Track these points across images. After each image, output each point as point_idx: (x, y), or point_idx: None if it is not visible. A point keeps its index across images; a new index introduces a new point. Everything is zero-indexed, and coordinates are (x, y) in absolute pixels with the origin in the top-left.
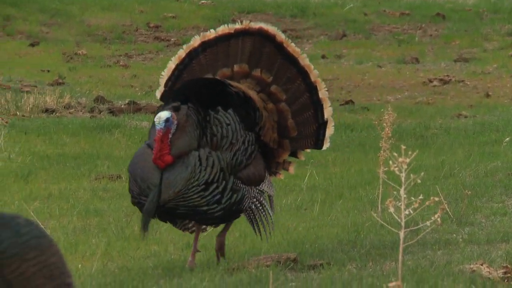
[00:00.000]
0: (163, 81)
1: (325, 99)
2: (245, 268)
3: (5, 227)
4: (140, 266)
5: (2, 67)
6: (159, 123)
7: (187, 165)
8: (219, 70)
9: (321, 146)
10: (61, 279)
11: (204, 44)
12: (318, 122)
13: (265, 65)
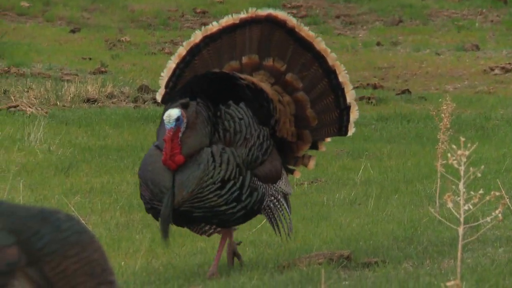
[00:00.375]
0: (163, 82)
1: (346, 82)
2: (296, 266)
3: (45, 223)
4: (185, 264)
5: (41, 55)
6: (169, 122)
7: (199, 162)
8: (225, 64)
9: (346, 133)
10: (103, 277)
11: (206, 39)
12: (340, 107)
13: (276, 53)
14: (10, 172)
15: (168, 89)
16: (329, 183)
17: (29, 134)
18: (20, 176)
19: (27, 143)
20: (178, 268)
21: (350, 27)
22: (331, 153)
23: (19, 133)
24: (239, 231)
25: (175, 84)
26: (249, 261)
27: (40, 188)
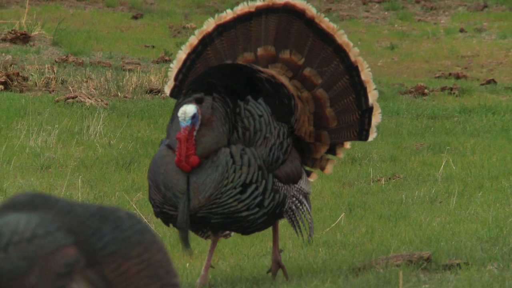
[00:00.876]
0: (173, 74)
1: (369, 81)
2: (372, 268)
3: (104, 221)
4: (254, 265)
5: (101, 43)
6: (184, 120)
7: (217, 164)
8: (239, 55)
9: (366, 137)
10: (167, 279)
11: (219, 28)
12: (361, 108)
13: (294, 46)
14: (68, 167)
15: (178, 81)
16: (408, 180)
17: (88, 127)
18: (78, 171)
19: (86, 136)
20: (246, 270)
21: (431, 12)
22: (410, 147)
23: (77, 126)
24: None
25: (185, 76)
26: (322, 262)
27: (99, 185)
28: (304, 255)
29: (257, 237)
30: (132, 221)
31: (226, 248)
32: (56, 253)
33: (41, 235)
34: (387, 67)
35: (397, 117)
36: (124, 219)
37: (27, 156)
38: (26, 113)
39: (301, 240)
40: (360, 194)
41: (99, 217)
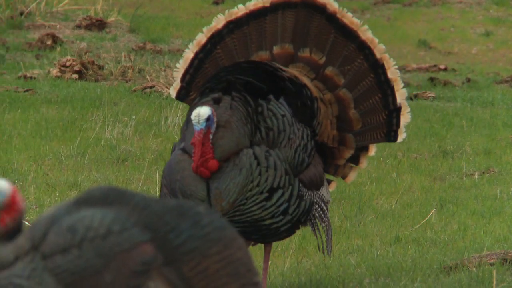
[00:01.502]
0: (179, 74)
1: (396, 79)
2: (464, 267)
3: (183, 217)
4: (340, 263)
5: (180, 29)
6: (198, 123)
7: (240, 167)
8: (253, 54)
9: (395, 138)
10: (248, 278)
11: (230, 25)
12: (389, 108)
13: (315, 43)
14: (145, 160)
15: (185, 83)
16: (503, 174)
17: (166, 118)
18: (156, 165)
19: (164, 128)
20: (332, 268)
21: None
22: (505, 139)
23: (155, 117)
24: (400, 227)
25: (193, 77)
26: (412, 261)
27: None
28: (393, 253)
29: (343, 234)
30: (212, 217)
31: (310, 246)
32: (132, 250)
33: (117, 232)
34: (482, 55)
35: (491, 108)
36: (204, 215)
37: (102, 148)
38: (101, 103)
39: (390, 237)
40: (452, 189)
41: (177, 212)
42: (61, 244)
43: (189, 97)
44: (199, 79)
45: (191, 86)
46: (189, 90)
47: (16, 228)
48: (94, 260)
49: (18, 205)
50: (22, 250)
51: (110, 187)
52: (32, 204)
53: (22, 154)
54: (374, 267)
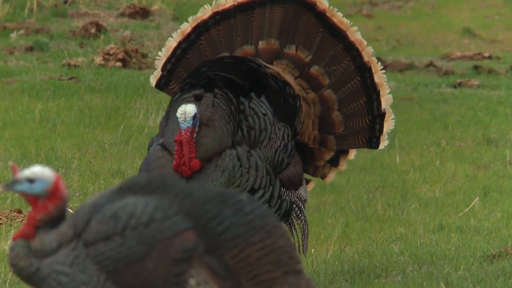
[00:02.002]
0: (161, 63)
1: (382, 84)
2: (507, 255)
3: (225, 205)
4: (383, 251)
5: None
6: (185, 120)
7: (223, 168)
8: (238, 48)
9: (377, 145)
10: (290, 266)
11: (217, 16)
12: (373, 113)
13: (301, 41)
14: None
15: (166, 72)
16: None
17: None
18: None
19: None
20: (375, 256)
21: None
22: None
23: None
24: (443, 215)
25: (174, 66)
26: (455, 249)
27: None
28: (436, 241)
29: (386, 221)
30: (254, 205)
31: (353, 234)
32: (174, 238)
33: (159, 219)
34: None
35: None
36: (246, 202)
37: (145, 136)
38: (145, 91)
39: (433, 225)
40: (495, 177)
41: (219, 200)
42: (103, 231)
43: (169, 87)
44: (180, 69)
45: (172, 76)
46: (170, 80)
47: (59, 215)
48: (137, 248)
49: (61, 192)
50: (65, 237)
51: (152, 175)
52: (76, 191)
53: (66, 142)
54: (417, 255)
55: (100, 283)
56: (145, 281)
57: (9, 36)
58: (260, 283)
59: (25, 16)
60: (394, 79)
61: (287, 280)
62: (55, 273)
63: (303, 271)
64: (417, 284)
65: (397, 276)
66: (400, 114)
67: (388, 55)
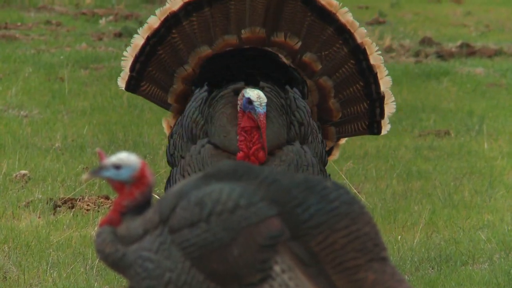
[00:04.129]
0: (128, 63)
1: (379, 66)
2: None
3: (310, 192)
4: (470, 239)
5: None
6: (260, 105)
7: (288, 162)
8: (217, 39)
9: (379, 130)
10: (375, 253)
11: (188, 6)
12: (371, 97)
13: (289, 27)
14: None
15: (135, 72)
16: None
17: None
18: None
19: None
20: (462, 243)
21: None
22: None
23: None
24: None
25: (144, 65)
26: None
27: None
28: None
29: (473, 208)
30: (340, 192)
31: (440, 221)
32: (259, 224)
33: (244, 206)
34: None
35: None
36: (331, 189)
37: None
38: None
39: None
40: None
41: (304, 187)
42: (189, 218)
43: (141, 88)
44: (152, 68)
45: (142, 76)
46: (141, 80)
47: (145, 202)
48: (222, 234)
49: (147, 179)
50: (151, 224)
51: (238, 162)
52: (163, 178)
53: (153, 128)
54: (504, 242)
55: (185, 270)
56: (230, 267)
57: (98, 22)
58: (345, 270)
59: (114, 2)
60: (482, 65)
61: (372, 267)
62: (141, 259)
63: (389, 258)
64: (504, 272)
65: (484, 264)
66: (488, 100)
67: (477, 41)
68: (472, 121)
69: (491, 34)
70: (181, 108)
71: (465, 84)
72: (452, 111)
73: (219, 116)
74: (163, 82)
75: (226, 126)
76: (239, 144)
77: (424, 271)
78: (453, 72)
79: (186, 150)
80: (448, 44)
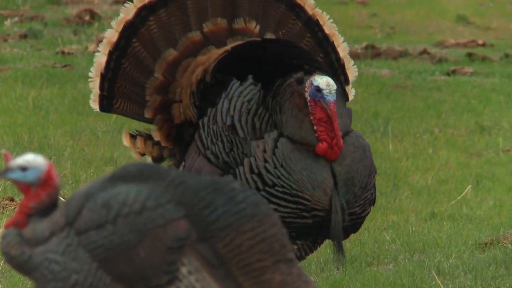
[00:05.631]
0: (96, 84)
1: (334, 34)
2: (499, 243)
3: (217, 194)
4: (375, 239)
5: None
6: (330, 93)
7: (363, 148)
8: (181, 38)
9: (346, 98)
10: (282, 254)
11: (143, 12)
12: (333, 67)
13: (247, 11)
14: None
15: (105, 91)
16: None
17: None
18: None
19: None
20: (367, 244)
21: None
22: None
23: None
24: (436, 203)
25: (112, 81)
26: (447, 237)
27: None
28: (428, 229)
29: (378, 209)
30: (247, 193)
31: None
32: (166, 226)
33: (151, 208)
34: None
35: None
36: (238, 191)
37: (138, 124)
38: None
39: (425, 213)
40: (488, 165)
41: (212, 189)
42: (95, 220)
43: (114, 106)
44: (121, 83)
45: (113, 93)
46: (112, 98)
47: (51, 203)
48: (129, 236)
49: (54, 180)
50: (57, 226)
51: (145, 163)
52: (68, 179)
53: (58, 129)
54: (409, 243)
55: (91, 271)
56: (137, 269)
57: (3, 23)
58: (252, 272)
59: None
60: (388, 67)
61: (279, 268)
62: (47, 262)
63: (295, 260)
64: (409, 273)
65: (388, 265)
66: (393, 101)
67: (382, 42)
68: (378, 122)
69: (396, 36)
70: (166, 118)
71: (371, 86)
72: (357, 113)
73: (289, 106)
74: (136, 95)
75: (298, 116)
76: (320, 135)
77: (329, 272)
78: (359, 73)
79: (247, 146)
80: (354, 46)
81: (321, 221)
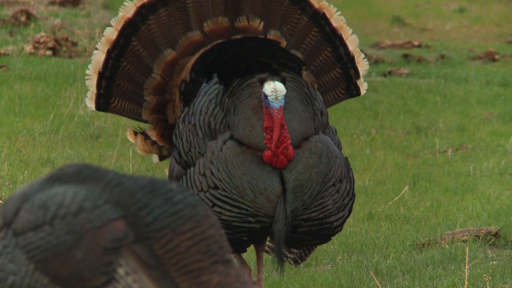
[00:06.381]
0: (93, 82)
1: (343, 27)
2: (437, 244)
3: (155, 195)
4: None
5: None
6: (276, 99)
7: (319, 154)
8: (181, 37)
9: (358, 92)
10: (220, 255)
11: (143, 10)
12: (342, 60)
13: (250, 9)
14: (118, 137)
15: (102, 89)
16: (476, 151)
17: None
18: (129, 142)
19: None
20: None
21: None
22: (478, 116)
23: None
24: (373, 204)
25: (110, 80)
26: (385, 238)
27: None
28: (366, 230)
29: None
30: (184, 194)
31: None
32: (103, 227)
33: (88, 209)
34: (456, 31)
35: (465, 84)
36: (176, 192)
37: (76, 125)
38: (75, 80)
39: (363, 214)
40: (425, 166)
41: (149, 189)
42: (32, 221)
43: (111, 105)
44: (119, 81)
45: (111, 92)
46: (110, 97)
47: None
48: (66, 237)
49: None
50: None
51: (83, 164)
52: (5, 180)
53: None
54: (347, 244)
55: (29, 273)
56: (74, 270)
57: None
58: (189, 273)
59: None
60: None
61: (217, 270)
62: None
63: (233, 261)
64: (347, 273)
65: (327, 265)
66: None
67: None
68: None
69: None
70: (161, 118)
71: None
72: None
73: (244, 107)
74: (134, 94)
75: (251, 119)
76: (266, 142)
77: (267, 273)
78: None
79: (204, 146)
80: None
81: (269, 226)
